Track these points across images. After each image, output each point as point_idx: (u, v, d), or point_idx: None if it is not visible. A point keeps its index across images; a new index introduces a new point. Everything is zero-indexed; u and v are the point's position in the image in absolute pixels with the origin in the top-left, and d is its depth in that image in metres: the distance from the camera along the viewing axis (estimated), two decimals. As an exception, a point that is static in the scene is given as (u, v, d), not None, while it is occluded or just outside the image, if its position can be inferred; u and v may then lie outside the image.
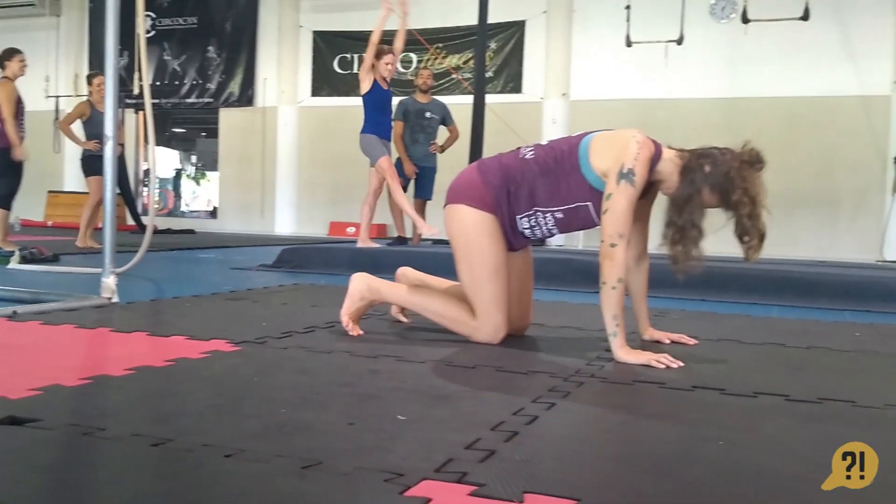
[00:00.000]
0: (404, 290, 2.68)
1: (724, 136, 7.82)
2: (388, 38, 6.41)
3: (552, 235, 2.59)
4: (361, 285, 2.67)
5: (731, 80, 10.14)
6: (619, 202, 2.30)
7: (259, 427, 1.48)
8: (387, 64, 6.29)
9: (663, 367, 2.20)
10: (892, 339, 2.95)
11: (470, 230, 2.50)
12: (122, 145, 7.42)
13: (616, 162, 2.32)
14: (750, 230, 2.31)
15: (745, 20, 9.42)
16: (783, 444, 1.51)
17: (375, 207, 6.54)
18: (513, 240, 2.56)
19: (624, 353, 2.29)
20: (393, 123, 6.90)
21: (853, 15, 10.01)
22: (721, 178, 2.29)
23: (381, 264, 4.64)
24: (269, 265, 5.55)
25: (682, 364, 2.22)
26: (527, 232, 2.54)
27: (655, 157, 2.38)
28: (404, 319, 2.92)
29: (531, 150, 2.54)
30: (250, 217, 13.36)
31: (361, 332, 2.60)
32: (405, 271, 2.96)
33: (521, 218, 2.51)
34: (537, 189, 2.45)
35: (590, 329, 2.91)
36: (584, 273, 4.97)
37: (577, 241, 11.07)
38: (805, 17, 9.14)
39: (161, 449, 1.33)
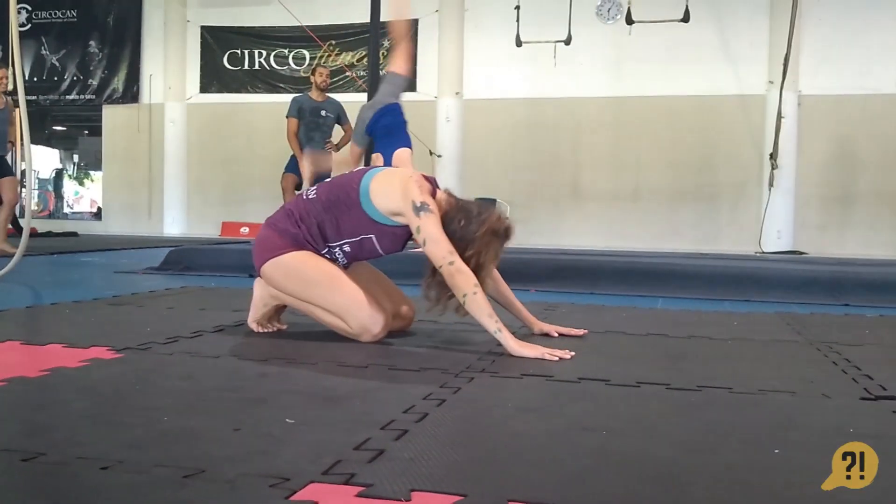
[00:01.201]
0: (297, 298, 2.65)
1: (611, 133, 8.04)
2: (283, 33, 6.35)
3: (346, 266, 2.65)
4: (263, 291, 2.69)
5: (617, 80, 10.47)
6: (429, 230, 2.40)
7: (139, 436, 1.42)
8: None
9: (556, 359, 2.25)
10: (768, 327, 3.11)
11: (289, 271, 2.54)
12: (12, 143, 7.06)
13: (403, 202, 2.44)
14: None
15: (630, 21, 9.72)
16: (663, 431, 1.57)
17: None
18: None
19: (517, 346, 2.32)
20: (287, 121, 6.87)
21: (730, 18, 10.50)
22: (468, 234, 2.42)
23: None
24: (155, 268, 5.37)
25: (573, 354, 2.29)
26: None
27: (433, 194, 2.51)
28: (278, 327, 2.83)
29: (314, 191, 2.63)
30: (137, 218, 12.90)
31: (277, 328, 2.71)
32: None
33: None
34: (325, 225, 2.54)
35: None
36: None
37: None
38: (686, 19, 9.51)
39: (32, 464, 1.26)
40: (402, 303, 2.78)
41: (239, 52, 12.49)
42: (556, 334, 2.69)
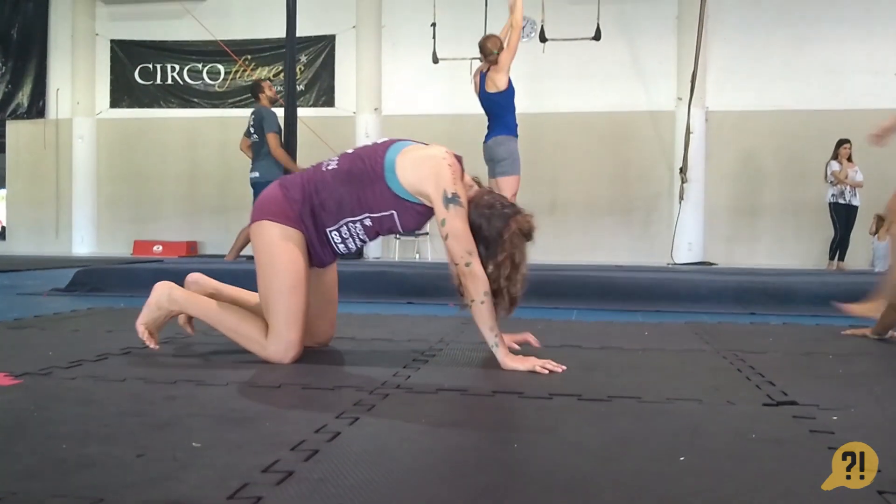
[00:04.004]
0: (204, 303, 2.58)
1: (527, 147, 8.18)
2: (196, 47, 6.23)
3: (364, 244, 2.60)
4: (162, 295, 2.58)
5: (532, 96, 10.61)
6: (455, 225, 2.34)
7: (35, 465, 1.36)
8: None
9: (547, 372, 2.27)
10: (677, 337, 3.19)
11: (273, 245, 2.45)
12: None
13: (434, 186, 2.36)
14: (502, 291, 2.38)
15: (543, 39, 9.91)
16: (574, 442, 1.58)
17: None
18: (322, 255, 2.53)
19: (510, 361, 2.33)
20: (271, 136, 6.77)
21: (640, 37, 10.83)
22: (494, 233, 2.36)
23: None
24: (62, 289, 5.17)
25: (564, 368, 2.31)
26: (340, 247, 2.53)
27: (462, 176, 2.46)
28: (190, 331, 2.76)
29: (335, 161, 2.53)
30: (44, 237, 12.45)
31: (157, 347, 2.54)
32: (196, 278, 2.83)
33: (332, 231, 2.48)
34: (343, 198, 2.44)
35: (399, 340, 2.93)
36: (398, 285, 5.02)
37: (394, 253, 11.19)
38: (597, 37, 9.75)
39: (-85, 500, 1.19)
40: (331, 326, 2.73)
41: (151, 66, 12.22)
42: (515, 345, 2.63)
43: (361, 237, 2.52)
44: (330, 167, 2.51)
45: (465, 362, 2.51)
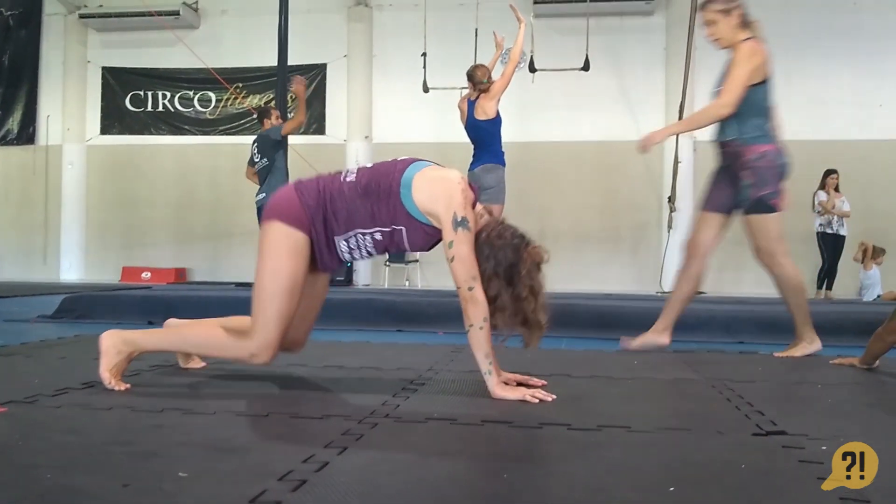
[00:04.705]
0: (161, 333, 2.57)
1: (517, 175, 8.18)
2: (188, 75, 6.24)
3: (371, 256, 2.58)
4: (115, 339, 2.48)
5: (521, 125, 10.69)
6: (462, 249, 2.35)
7: (18, 496, 1.34)
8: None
9: (537, 401, 2.27)
10: (667, 366, 3.19)
11: (278, 245, 2.44)
12: None
13: (445, 208, 2.36)
14: (532, 322, 2.38)
15: (533, 69, 10.00)
16: (563, 472, 1.58)
17: None
18: (329, 261, 2.52)
19: (500, 391, 2.33)
20: (285, 127, 6.80)
21: (628, 67, 10.94)
22: (508, 267, 2.36)
23: (175, 309, 4.42)
24: (49, 316, 5.13)
25: (554, 397, 2.31)
26: (346, 255, 2.52)
27: (473, 205, 2.46)
28: (195, 365, 2.79)
29: (353, 174, 2.53)
30: (32, 263, 12.38)
31: (128, 386, 2.44)
32: (171, 322, 2.83)
33: (339, 240, 2.48)
34: (356, 210, 2.44)
35: (388, 368, 2.92)
36: (385, 313, 5.01)
37: (383, 280, 11.17)
38: (586, 68, 9.83)
39: None
40: (308, 331, 2.70)
41: (142, 93, 12.25)
42: (514, 383, 2.55)
43: (369, 249, 2.51)
44: (348, 179, 2.50)
45: (454, 391, 2.50)
